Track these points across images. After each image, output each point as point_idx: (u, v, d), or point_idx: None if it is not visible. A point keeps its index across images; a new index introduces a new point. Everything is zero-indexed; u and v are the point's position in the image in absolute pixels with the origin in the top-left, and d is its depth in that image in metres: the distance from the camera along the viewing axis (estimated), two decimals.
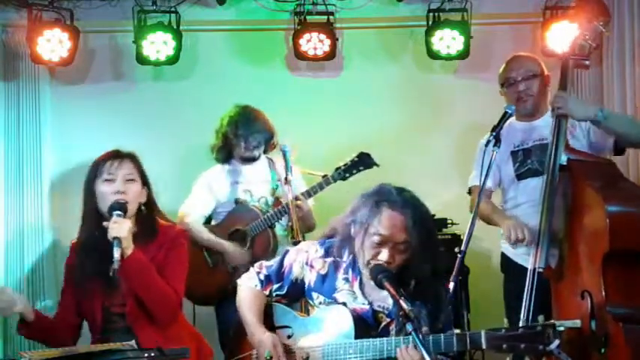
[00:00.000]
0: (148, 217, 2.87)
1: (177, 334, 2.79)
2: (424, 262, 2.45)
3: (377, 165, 3.99)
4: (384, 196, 2.48)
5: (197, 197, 4.13)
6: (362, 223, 2.47)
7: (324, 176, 3.97)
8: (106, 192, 2.77)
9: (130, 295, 2.74)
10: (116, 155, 2.85)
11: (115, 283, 2.74)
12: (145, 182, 2.88)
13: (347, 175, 3.96)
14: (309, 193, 3.96)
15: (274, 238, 4.02)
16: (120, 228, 2.64)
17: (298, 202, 3.85)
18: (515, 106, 3.42)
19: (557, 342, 2.18)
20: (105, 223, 2.68)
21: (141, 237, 2.77)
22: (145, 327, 2.74)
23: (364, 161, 3.99)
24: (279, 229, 4.07)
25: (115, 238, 2.62)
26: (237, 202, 4.09)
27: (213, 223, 4.17)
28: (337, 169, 3.99)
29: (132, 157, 2.87)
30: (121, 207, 2.71)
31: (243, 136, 4.08)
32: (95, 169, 2.83)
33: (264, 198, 4.10)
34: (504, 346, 2.22)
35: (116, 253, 2.60)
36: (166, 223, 2.97)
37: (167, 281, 2.76)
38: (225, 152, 4.17)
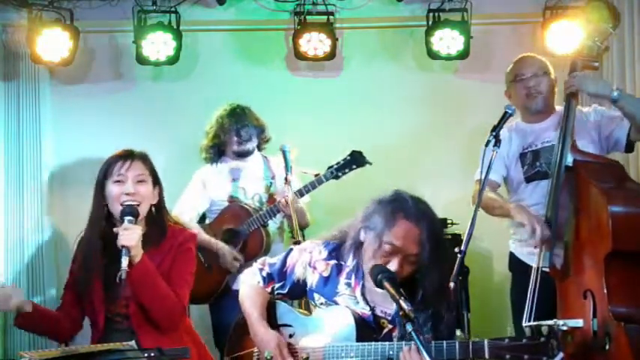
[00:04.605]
0: (158, 218, 2.85)
1: (180, 339, 2.77)
2: (433, 276, 2.43)
3: (369, 163, 3.99)
4: (401, 206, 2.45)
5: (190, 195, 4.14)
6: (375, 231, 2.45)
7: (317, 175, 3.99)
8: (117, 193, 2.74)
9: (133, 298, 2.72)
10: (127, 156, 2.82)
11: (119, 284, 2.70)
12: (157, 183, 2.86)
13: (339, 173, 3.98)
14: (301, 192, 3.97)
15: (267, 236, 4.04)
16: (130, 236, 2.62)
17: (290, 199, 3.87)
18: (525, 103, 3.44)
19: (561, 355, 2.17)
20: (115, 230, 2.66)
21: (150, 239, 2.75)
22: (148, 331, 2.72)
23: (356, 160, 3.99)
24: (271, 226, 4.08)
25: (124, 246, 2.61)
26: (230, 200, 4.10)
27: (207, 221, 4.18)
28: (329, 167, 4.00)
29: (143, 158, 2.85)
30: (132, 212, 2.69)
31: (234, 129, 4.12)
32: (105, 170, 2.80)
33: (257, 195, 4.12)
34: (507, 356, 2.20)
35: (124, 262, 2.58)
36: (176, 226, 2.94)
37: (172, 286, 2.75)
38: (216, 150, 4.19)
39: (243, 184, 4.12)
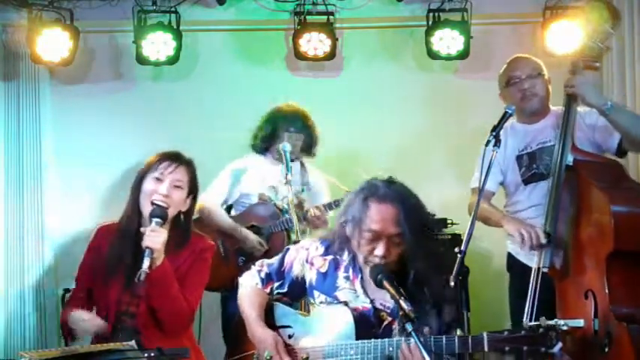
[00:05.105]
0: (184, 225, 2.87)
1: (181, 344, 2.76)
2: (420, 252, 2.42)
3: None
4: (372, 191, 2.46)
5: (219, 184, 4.15)
6: (353, 221, 2.47)
7: (348, 192, 3.99)
8: (151, 190, 2.78)
9: (145, 298, 2.74)
10: (175, 158, 2.85)
11: (136, 283, 2.71)
12: (192, 192, 2.88)
13: None
14: (330, 206, 4.01)
15: (289, 240, 4.04)
16: (155, 239, 2.64)
17: (318, 212, 3.93)
18: (520, 105, 3.41)
19: (559, 345, 2.18)
20: (142, 229, 2.69)
21: (173, 243, 2.77)
22: (152, 332, 2.73)
23: None
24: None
25: (147, 247, 2.62)
26: (260, 197, 4.12)
27: (233, 213, 4.20)
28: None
29: (188, 164, 2.87)
30: (161, 214, 2.72)
31: (292, 132, 4.11)
32: (150, 165, 2.83)
33: (287, 198, 4.11)
34: (507, 348, 2.21)
35: (145, 263, 2.60)
36: (198, 234, 2.98)
37: (184, 292, 2.77)
38: (267, 144, 4.19)
39: (275, 184, 4.12)
